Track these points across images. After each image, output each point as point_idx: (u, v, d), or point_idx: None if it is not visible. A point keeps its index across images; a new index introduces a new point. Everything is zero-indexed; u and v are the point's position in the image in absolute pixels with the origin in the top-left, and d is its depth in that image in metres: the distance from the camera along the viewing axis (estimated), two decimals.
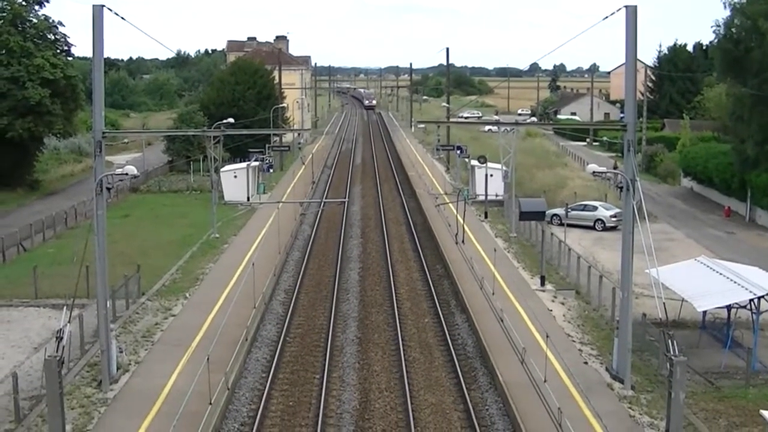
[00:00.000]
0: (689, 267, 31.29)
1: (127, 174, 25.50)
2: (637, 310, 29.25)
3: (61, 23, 66.50)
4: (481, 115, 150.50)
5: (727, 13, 52.99)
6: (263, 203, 57.55)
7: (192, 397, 23.07)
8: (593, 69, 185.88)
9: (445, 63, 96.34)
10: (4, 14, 63.66)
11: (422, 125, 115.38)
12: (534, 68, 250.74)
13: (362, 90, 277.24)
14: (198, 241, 46.95)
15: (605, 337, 29.63)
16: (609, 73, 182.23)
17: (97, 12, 24.30)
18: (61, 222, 51.63)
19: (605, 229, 50.89)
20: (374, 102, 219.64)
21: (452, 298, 36.85)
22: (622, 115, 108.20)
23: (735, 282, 27.69)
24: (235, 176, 60.99)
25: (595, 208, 52.47)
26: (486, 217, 53.92)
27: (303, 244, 48.12)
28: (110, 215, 30.80)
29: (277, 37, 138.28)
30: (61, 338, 21.99)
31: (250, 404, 25.10)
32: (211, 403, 23.20)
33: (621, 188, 25.57)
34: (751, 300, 26.99)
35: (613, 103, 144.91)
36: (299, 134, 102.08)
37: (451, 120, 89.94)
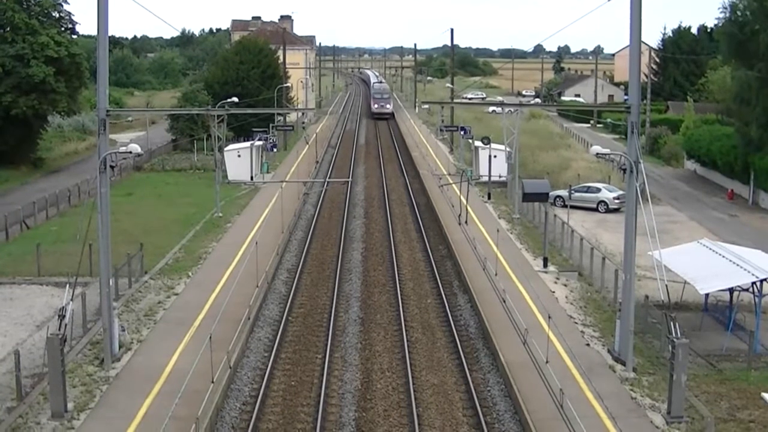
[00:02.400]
0: (692, 249, 31.26)
1: (130, 152, 25.51)
2: (639, 292, 29.31)
3: (65, 1, 66.45)
4: (485, 96, 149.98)
5: None
6: (267, 183, 57.52)
7: (194, 376, 23.14)
8: (597, 51, 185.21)
9: (449, 44, 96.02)
10: None
11: (426, 106, 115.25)
12: (538, 50, 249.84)
13: (370, 72, 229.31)
14: (201, 220, 46.99)
15: (607, 319, 29.64)
16: (613, 55, 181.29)
17: None
18: (64, 200, 51.66)
19: (608, 210, 50.84)
20: (389, 107, 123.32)
21: (455, 278, 36.86)
22: (626, 97, 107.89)
23: (737, 265, 27.67)
24: (239, 155, 60.93)
25: (598, 190, 52.38)
26: (489, 198, 53.88)
27: (306, 223, 48.12)
28: (114, 193, 30.73)
29: (282, 17, 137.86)
30: (64, 316, 22.10)
31: (252, 383, 25.17)
32: (213, 382, 23.27)
33: (624, 170, 25.49)
34: (754, 283, 26.98)
35: (617, 85, 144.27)
36: (303, 114, 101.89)
37: (455, 101, 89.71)
